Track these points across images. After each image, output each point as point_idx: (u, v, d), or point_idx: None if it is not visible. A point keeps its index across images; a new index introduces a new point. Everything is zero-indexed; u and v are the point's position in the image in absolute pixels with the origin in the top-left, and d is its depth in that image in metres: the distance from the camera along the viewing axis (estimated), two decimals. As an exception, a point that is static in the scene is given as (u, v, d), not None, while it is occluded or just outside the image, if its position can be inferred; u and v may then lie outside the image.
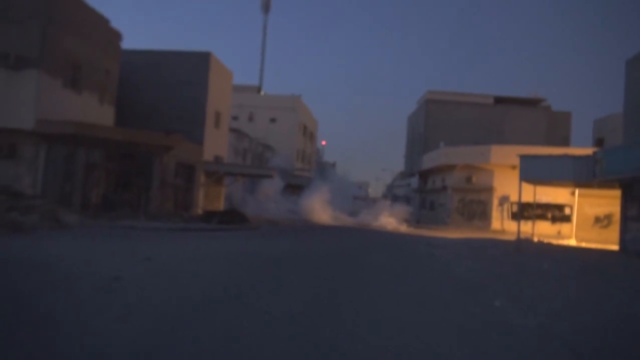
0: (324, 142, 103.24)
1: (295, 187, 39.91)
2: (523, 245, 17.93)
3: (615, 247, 19.03)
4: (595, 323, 6.47)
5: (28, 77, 18.46)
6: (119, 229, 16.55)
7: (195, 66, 26.34)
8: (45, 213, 16.06)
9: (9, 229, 14.06)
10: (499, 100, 43.17)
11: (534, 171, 17.19)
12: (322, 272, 10.16)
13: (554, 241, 23.26)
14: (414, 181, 45.71)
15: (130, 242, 12.99)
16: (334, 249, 15.35)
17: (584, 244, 22.66)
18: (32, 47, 18.49)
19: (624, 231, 17.95)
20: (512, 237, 21.94)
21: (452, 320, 6.34)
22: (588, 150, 17.31)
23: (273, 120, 54.00)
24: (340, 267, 11.18)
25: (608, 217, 29.17)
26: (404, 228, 29.18)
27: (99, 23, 22.41)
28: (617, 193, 18.55)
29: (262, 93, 61.90)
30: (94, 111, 21.99)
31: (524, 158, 17.34)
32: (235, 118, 53.53)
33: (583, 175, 16.61)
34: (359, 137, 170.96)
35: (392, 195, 71.64)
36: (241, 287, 7.74)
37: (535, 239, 22.59)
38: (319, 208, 30.31)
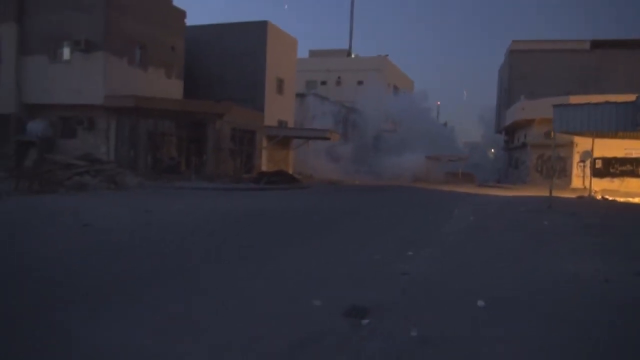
0: (438, 103, 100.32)
1: None
2: (559, 202, 16.81)
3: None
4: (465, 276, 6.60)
5: (97, 59, 21.27)
6: (169, 189, 18.80)
7: (253, 36, 27.72)
8: (108, 176, 18.81)
9: (76, 188, 16.94)
10: (596, 45, 38.21)
11: (569, 122, 15.83)
12: (313, 223, 11.13)
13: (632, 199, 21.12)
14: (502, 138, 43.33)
15: (159, 198, 14.93)
16: (360, 205, 16.21)
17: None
18: (97, 32, 21.18)
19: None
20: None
21: (344, 263, 6.83)
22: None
23: (360, 82, 53.96)
24: (333, 221, 11.87)
25: None
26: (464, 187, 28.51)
27: (161, 3, 24.62)
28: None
29: (352, 56, 61.81)
30: (162, 85, 24.47)
31: (557, 108, 15.97)
32: (323, 83, 54.74)
33: (628, 124, 14.97)
34: (462, 96, 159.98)
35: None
36: (195, 234, 8.91)
37: (599, 197, 20.79)
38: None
